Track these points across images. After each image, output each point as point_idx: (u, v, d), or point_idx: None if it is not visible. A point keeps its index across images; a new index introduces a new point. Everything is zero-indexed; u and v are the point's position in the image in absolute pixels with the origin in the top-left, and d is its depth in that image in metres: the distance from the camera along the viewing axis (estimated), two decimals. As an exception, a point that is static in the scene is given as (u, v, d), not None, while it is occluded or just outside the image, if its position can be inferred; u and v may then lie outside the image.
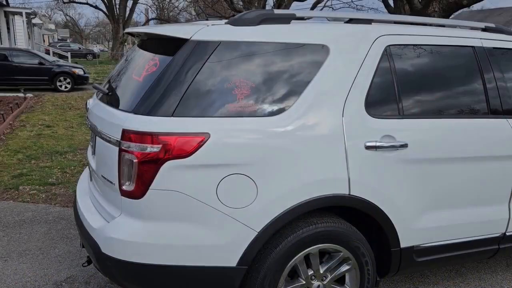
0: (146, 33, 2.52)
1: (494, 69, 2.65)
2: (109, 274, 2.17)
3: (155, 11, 41.30)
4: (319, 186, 2.15)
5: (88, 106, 2.72)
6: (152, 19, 38.30)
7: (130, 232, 2.05)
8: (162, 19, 37.03)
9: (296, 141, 2.11)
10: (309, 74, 2.20)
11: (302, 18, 2.43)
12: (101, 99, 2.52)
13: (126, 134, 2.01)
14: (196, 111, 2.02)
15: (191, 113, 2.02)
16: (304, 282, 2.29)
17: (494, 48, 2.70)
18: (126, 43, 35.49)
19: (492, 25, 2.91)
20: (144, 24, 36.33)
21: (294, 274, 2.30)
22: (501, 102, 2.63)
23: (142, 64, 2.31)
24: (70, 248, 3.45)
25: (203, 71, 2.06)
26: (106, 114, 2.27)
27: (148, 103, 2.03)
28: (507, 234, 2.74)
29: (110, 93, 2.45)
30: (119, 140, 2.04)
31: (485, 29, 2.86)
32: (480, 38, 2.68)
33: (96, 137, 2.36)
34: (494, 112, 2.61)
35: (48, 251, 3.39)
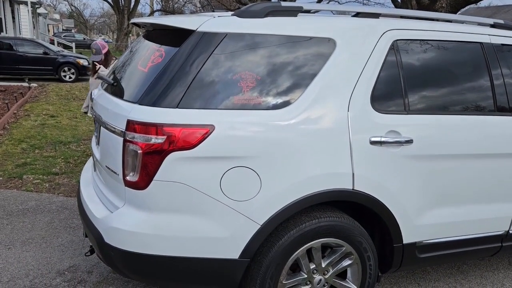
0: (152, 24, 2.50)
1: (502, 66, 2.63)
2: (111, 264, 2.18)
3: (160, 3, 41.17)
4: (323, 180, 2.15)
5: (93, 96, 2.72)
6: (157, 10, 38.15)
7: (133, 223, 2.05)
8: (167, 11, 36.89)
9: (301, 134, 2.11)
10: (315, 68, 2.18)
11: (309, 11, 2.41)
12: (106, 90, 2.51)
13: (131, 125, 2.01)
14: (201, 103, 2.02)
15: (196, 105, 2.01)
16: (306, 276, 2.29)
17: (502, 44, 2.67)
18: (130, 34, 35.43)
19: (501, 21, 2.88)
20: (149, 15, 36.25)
21: (296, 268, 2.31)
22: (508, 99, 2.61)
23: (148, 55, 2.30)
24: (73, 237, 3.47)
25: (209, 62, 2.05)
26: (111, 104, 2.27)
27: (153, 94, 2.03)
28: (510, 232, 2.73)
29: (115, 84, 2.44)
30: (123, 130, 2.04)
31: (493, 26, 2.83)
32: (489, 34, 2.65)
33: (101, 127, 2.36)
34: (500, 109, 2.59)
35: (51, 240, 3.41)
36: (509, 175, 2.62)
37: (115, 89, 2.40)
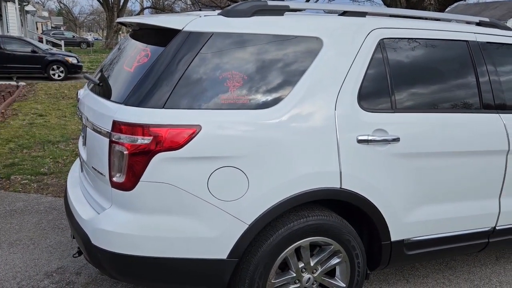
0: (138, 23, 2.48)
1: (487, 63, 2.65)
2: (99, 266, 2.16)
3: (150, 0, 40.89)
4: (311, 179, 2.15)
5: (79, 96, 2.69)
6: (147, 8, 37.90)
7: (120, 224, 2.04)
8: (157, 8, 36.67)
9: (288, 134, 2.11)
10: (301, 67, 2.18)
11: (296, 10, 2.41)
12: (92, 90, 2.49)
13: (117, 126, 2.00)
14: (188, 103, 2.01)
15: (182, 105, 2.00)
16: (294, 275, 2.30)
17: (487, 42, 2.69)
18: (120, 32, 35.17)
19: (487, 19, 2.91)
20: (138, 13, 35.99)
21: (285, 267, 2.31)
22: (494, 96, 2.64)
23: (134, 55, 2.28)
24: (61, 238, 3.44)
25: (195, 62, 2.04)
26: (97, 105, 2.25)
27: (139, 95, 2.01)
28: (497, 228, 2.76)
29: (101, 84, 2.42)
30: (109, 131, 2.02)
31: (479, 24, 2.86)
32: (474, 33, 2.67)
33: (87, 128, 2.34)
34: (486, 107, 2.61)
35: (39, 242, 3.38)
36: (495, 172, 2.65)
37: (101, 89, 2.38)
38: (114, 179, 2.04)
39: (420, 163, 2.41)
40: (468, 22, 2.89)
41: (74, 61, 14.73)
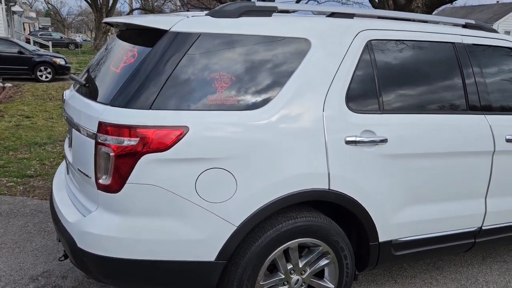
0: (125, 24, 2.46)
1: (473, 65, 2.67)
2: (85, 269, 2.13)
3: (139, 1, 40.66)
4: (299, 180, 2.15)
5: (64, 98, 2.66)
6: (136, 9, 37.69)
7: (106, 227, 2.01)
8: (146, 9, 36.49)
9: (276, 135, 2.10)
10: (289, 68, 2.18)
11: (284, 11, 2.41)
12: (78, 91, 2.46)
13: (103, 127, 1.97)
14: (175, 103, 1.99)
15: (169, 106, 1.98)
16: (283, 276, 2.29)
17: (473, 44, 2.72)
18: (109, 33, 34.90)
19: (472, 21, 2.94)
20: (128, 14, 35.76)
21: (273, 268, 2.30)
22: (479, 98, 2.66)
23: (120, 55, 2.26)
24: (47, 241, 3.39)
25: (182, 63, 2.02)
26: (83, 106, 2.22)
27: (126, 95, 1.99)
28: (483, 228, 2.78)
29: (87, 85, 2.40)
30: (95, 133, 2.00)
31: (465, 26, 2.88)
32: (461, 35, 2.69)
33: (73, 129, 2.31)
34: (472, 108, 2.64)
35: (25, 245, 3.33)
36: (481, 173, 2.67)
37: (87, 90, 2.35)
38: (100, 181, 2.01)
39: (408, 164, 2.42)
40: (454, 24, 2.92)
41: (62, 62, 14.57)
